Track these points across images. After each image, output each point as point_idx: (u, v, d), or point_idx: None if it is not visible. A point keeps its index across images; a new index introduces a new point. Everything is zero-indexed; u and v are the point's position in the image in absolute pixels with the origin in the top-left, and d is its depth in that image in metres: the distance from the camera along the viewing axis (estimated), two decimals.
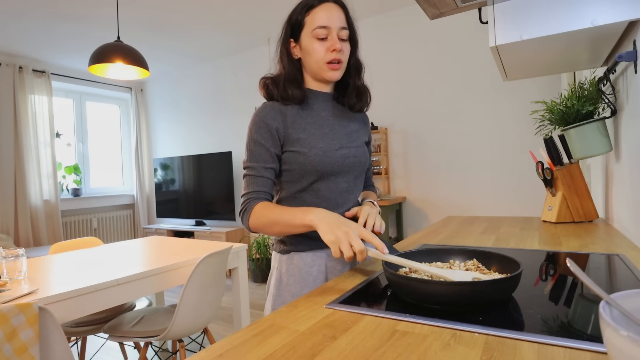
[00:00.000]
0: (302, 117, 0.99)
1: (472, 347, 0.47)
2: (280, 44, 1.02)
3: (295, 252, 1.00)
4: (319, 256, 1.00)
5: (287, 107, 0.99)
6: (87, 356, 2.49)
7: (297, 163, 0.96)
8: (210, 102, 4.84)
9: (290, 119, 0.97)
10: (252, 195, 0.95)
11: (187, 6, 3.26)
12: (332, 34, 0.94)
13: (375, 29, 3.65)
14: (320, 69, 0.97)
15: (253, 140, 0.96)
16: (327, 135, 0.99)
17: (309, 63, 0.98)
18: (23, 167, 4.13)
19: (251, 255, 4.01)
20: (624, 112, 1.12)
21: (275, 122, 0.96)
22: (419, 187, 3.49)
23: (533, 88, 2.98)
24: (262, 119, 0.96)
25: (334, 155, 0.97)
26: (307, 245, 1.00)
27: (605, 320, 0.31)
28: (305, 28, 0.96)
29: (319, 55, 0.95)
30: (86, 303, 1.41)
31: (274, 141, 0.96)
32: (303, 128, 0.97)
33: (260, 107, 0.98)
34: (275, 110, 0.97)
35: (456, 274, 0.69)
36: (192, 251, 1.97)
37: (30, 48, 4.01)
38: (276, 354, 0.49)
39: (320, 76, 0.99)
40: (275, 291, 1.01)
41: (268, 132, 0.95)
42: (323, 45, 0.95)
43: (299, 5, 0.98)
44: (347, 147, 1.01)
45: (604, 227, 1.25)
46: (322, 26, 0.94)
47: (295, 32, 0.99)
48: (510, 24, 0.99)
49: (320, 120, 1.01)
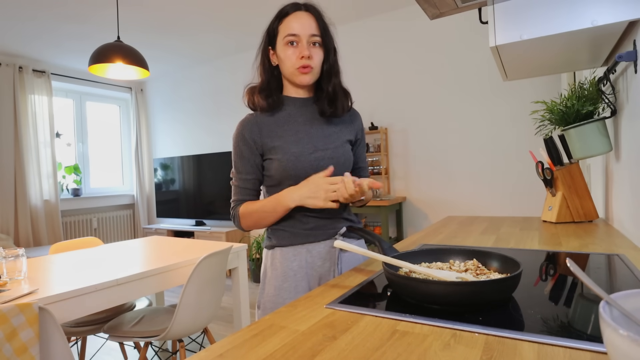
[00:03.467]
0: (278, 125, 1.05)
1: (472, 347, 0.47)
2: (260, 52, 1.08)
3: (278, 247, 1.06)
4: (299, 251, 1.05)
5: (264, 117, 1.05)
6: (87, 356, 2.49)
7: (274, 169, 1.02)
8: (210, 102, 4.84)
9: (266, 129, 1.04)
10: (236, 202, 1.05)
11: (187, 6, 3.26)
12: (302, 41, 0.99)
13: (375, 29, 3.65)
14: (292, 74, 1.02)
15: (235, 152, 1.05)
16: (301, 140, 1.03)
17: (284, 69, 1.04)
18: (23, 167, 4.13)
19: (251, 255, 4.01)
20: (624, 112, 1.12)
21: (253, 134, 1.03)
22: (419, 187, 3.49)
23: (532, 88, 2.98)
24: (240, 132, 1.04)
25: (307, 158, 1.01)
26: (289, 241, 1.05)
27: (605, 320, 0.31)
28: (279, 36, 1.02)
29: (290, 61, 1.01)
30: (86, 303, 1.41)
31: (252, 152, 1.03)
32: (279, 136, 1.03)
33: (240, 121, 1.06)
34: (252, 123, 1.04)
35: (442, 274, 0.70)
36: (192, 251, 1.97)
37: (30, 48, 4.01)
38: (276, 354, 0.49)
39: (293, 81, 1.04)
40: (261, 285, 1.08)
41: (246, 145, 1.03)
42: (295, 52, 1.00)
43: (276, 14, 1.04)
44: (323, 149, 1.04)
45: (604, 227, 1.25)
46: (292, 34, 0.99)
47: (272, 40, 1.05)
48: (510, 24, 0.99)
49: (296, 126, 1.05)
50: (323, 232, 1.05)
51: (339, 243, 0.83)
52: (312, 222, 1.05)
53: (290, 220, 1.04)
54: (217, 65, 4.76)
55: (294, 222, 1.05)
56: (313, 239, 1.05)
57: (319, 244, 1.05)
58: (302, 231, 1.04)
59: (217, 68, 4.76)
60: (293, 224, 1.05)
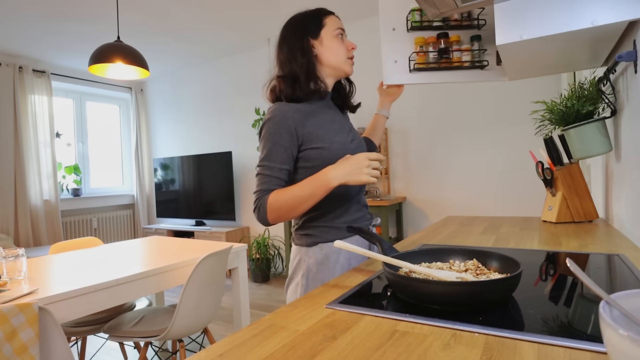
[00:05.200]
0: (314, 114, 1.04)
1: (472, 347, 0.47)
2: (294, 42, 1.07)
3: (323, 242, 1.05)
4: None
5: (301, 106, 1.03)
6: (87, 356, 2.49)
7: (321, 158, 1.01)
8: (210, 102, 4.84)
9: (307, 118, 1.02)
10: (263, 192, 0.98)
11: (187, 6, 3.26)
12: (345, 36, 1.10)
13: (375, 29, 3.64)
14: (343, 63, 1.08)
15: (271, 140, 0.99)
16: (339, 130, 1.07)
17: (331, 57, 1.07)
18: (23, 167, 4.13)
19: (251, 255, 4.01)
20: (624, 112, 1.12)
21: (294, 121, 1.00)
22: (419, 187, 3.49)
23: (533, 88, 2.98)
24: (283, 120, 0.99)
25: (350, 147, 1.06)
26: (333, 235, 1.06)
27: (605, 320, 0.31)
28: (326, 27, 1.07)
29: (342, 50, 1.08)
30: (86, 303, 1.41)
31: (292, 141, 1.00)
32: (319, 124, 1.03)
33: (277, 107, 1.01)
34: (293, 109, 1.01)
35: (442, 274, 0.70)
36: (192, 251, 1.97)
37: (30, 48, 4.01)
38: (276, 354, 0.49)
39: (342, 69, 1.09)
40: (305, 282, 1.05)
41: (287, 132, 0.99)
42: (343, 43, 1.08)
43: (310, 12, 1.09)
44: (354, 139, 1.12)
45: (604, 227, 1.25)
46: (342, 28, 1.09)
47: (315, 31, 1.07)
48: (510, 24, 0.99)
49: (330, 116, 1.08)
50: (363, 224, 1.12)
51: (339, 243, 0.83)
52: (353, 214, 1.09)
53: (330, 215, 1.06)
54: (217, 65, 4.76)
55: (334, 216, 1.06)
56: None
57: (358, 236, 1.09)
58: (344, 225, 1.07)
59: (217, 68, 4.76)
60: (333, 219, 1.06)
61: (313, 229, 1.06)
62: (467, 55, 1.39)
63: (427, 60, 1.39)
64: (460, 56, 1.38)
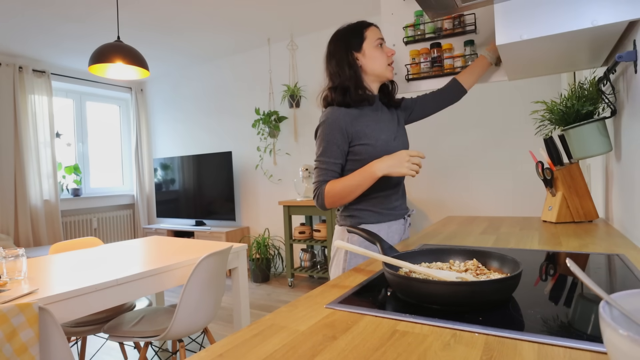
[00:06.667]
0: (362, 116, 1.21)
1: (472, 347, 0.47)
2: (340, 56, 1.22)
3: (365, 224, 1.23)
4: (382, 227, 1.24)
5: (350, 110, 1.20)
6: (87, 356, 2.49)
7: (367, 153, 1.18)
8: (211, 102, 4.84)
9: (355, 119, 1.19)
10: (321, 182, 1.17)
11: (187, 6, 3.26)
12: (384, 44, 1.25)
13: None
14: (385, 70, 1.24)
15: (326, 139, 1.17)
16: (384, 129, 1.23)
17: (374, 66, 1.23)
18: (23, 167, 4.13)
19: (251, 255, 4.01)
20: (624, 112, 1.12)
21: (345, 122, 1.17)
22: (419, 187, 3.49)
23: (533, 88, 2.98)
24: (335, 122, 1.17)
25: (392, 144, 1.23)
26: (375, 218, 1.23)
27: (605, 320, 0.31)
28: (368, 40, 1.22)
29: (383, 58, 1.23)
30: (86, 303, 1.41)
31: (344, 140, 1.18)
32: (366, 124, 1.20)
33: (330, 111, 1.19)
34: (343, 112, 1.18)
35: (442, 274, 0.70)
36: (192, 251, 1.97)
37: (30, 48, 4.01)
38: (276, 354, 0.49)
39: (384, 75, 1.25)
40: (348, 257, 1.21)
41: (339, 132, 1.17)
42: (383, 52, 1.23)
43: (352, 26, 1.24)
44: (397, 135, 1.27)
45: (604, 227, 1.25)
46: (381, 38, 1.24)
47: (358, 45, 1.22)
48: (510, 24, 0.99)
49: (376, 117, 1.24)
50: (400, 212, 1.28)
51: (339, 243, 0.84)
52: (392, 203, 1.25)
53: (373, 200, 1.23)
54: (217, 65, 4.76)
55: (376, 202, 1.23)
56: (393, 218, 1.26)
57: (397, 222, 1.27)
58: (386, 210, 1.24)
59: (217, 68, 4.76)
60: (375, 204, 1.23)
61: (357, 211, 1.23)
62: (459, 60, 1.49)
63: (420, 70, 1.56)
64: (452, 63, 1.50)
